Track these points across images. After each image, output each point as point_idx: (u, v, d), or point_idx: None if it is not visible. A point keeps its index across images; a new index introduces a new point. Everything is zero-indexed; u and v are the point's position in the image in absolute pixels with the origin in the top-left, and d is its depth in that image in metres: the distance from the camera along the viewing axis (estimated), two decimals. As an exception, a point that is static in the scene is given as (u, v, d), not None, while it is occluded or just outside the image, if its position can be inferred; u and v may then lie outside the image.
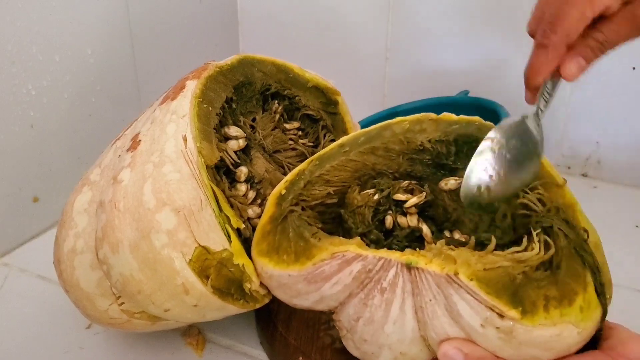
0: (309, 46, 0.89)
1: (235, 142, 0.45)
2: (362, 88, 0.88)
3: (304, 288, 0.37)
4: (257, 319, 0.50)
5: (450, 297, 0.33)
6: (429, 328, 0.34)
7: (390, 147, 0.43)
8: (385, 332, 0.35)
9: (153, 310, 0.38)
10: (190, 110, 0.41)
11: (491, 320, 0.32)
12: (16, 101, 0.59)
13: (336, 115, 0.53)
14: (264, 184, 0.46)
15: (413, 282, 0.34)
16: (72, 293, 0.42)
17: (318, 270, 0.36)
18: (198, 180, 0.38)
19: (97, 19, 0.66)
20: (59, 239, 0.42)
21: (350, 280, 0.35)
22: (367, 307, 0.35)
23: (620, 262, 0.54)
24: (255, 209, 0.44)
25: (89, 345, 0.48)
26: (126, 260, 0.37)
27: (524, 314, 0.32)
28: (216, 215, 0.38)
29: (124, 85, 0.72)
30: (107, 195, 0.39)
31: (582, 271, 0.34)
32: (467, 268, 0.33)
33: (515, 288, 0.33)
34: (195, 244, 0.37)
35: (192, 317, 0.39)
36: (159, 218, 0.36)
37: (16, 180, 0.61)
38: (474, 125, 0.41)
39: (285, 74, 0.51)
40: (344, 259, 0.35)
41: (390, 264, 0.35)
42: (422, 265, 0.34)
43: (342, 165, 0.43)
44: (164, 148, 0.39)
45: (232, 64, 0.47)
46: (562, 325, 0.32)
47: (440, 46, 0.82)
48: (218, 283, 0.38)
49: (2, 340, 0.49)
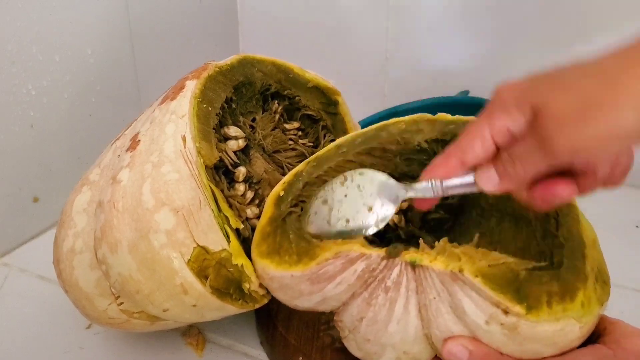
0: (309, 46, 0.89)
1: (235, 142, 0.45)
2: (362, 88, 0.88)
3: (307, 289, 0.37)
4: (257, 319, 0.50)
5: (455, 294, 0.33)
6: (433, 326, 0.34)
7: (387, 148, 0.43)
8: (388, 332, 0.35)
9: (152, 310, 0.38)
10: (190, 111, 0.41)
11: (496, 317, 0.32)
12: (16, 101, 0.59)
13: (336, 116, 0.53)
14: (262, 184, 0.46)
15: (417, 280, 0.34)
16: (71, 293, 0.42)
17: (322, 270, 0.36)
18: (197, 180, 0.38)
19: (97, 19, 0.66)
20: (58, 238, 0.42)
21: (354, 280, 0.35)
22: (371, 307, 0.35)
23: (620, 262, 0.54)
24: (254, 209, 0.44)
25: (89, 345, 0.48)
26: (125, 260, 0.37)
27: (529, 310, 0.32)
28: (215, 216, 0.38)
29: (124, 85, 0.72)
30: (106, 195, 0.39)
31: (582, 267, 0.34)
32: (472, 265, 0.33)
33: (519, 284, 0.33)
34: (194, 244, 0.37)
35: (190, 317, 0.39)
36: (157, 218, 0.36)
37: (16, 180, 0.61)
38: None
39: (286, 74, 0.51)
40: (347, 258, 0.35)
41: (394, 263, 0.35)
42: (426, 263, 0.34)
43: (339, 166, 0.43)
44: (163, 148, 0.39)
45: (232, 64, 0.47)
46: (565, 320, 0.32)
47: (440, 46, 0.82)
48: (217, 283, 0.38)
49: (2, 340, 0.49)
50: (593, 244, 0.36)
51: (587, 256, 0.35)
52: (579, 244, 0.36)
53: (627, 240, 0.62)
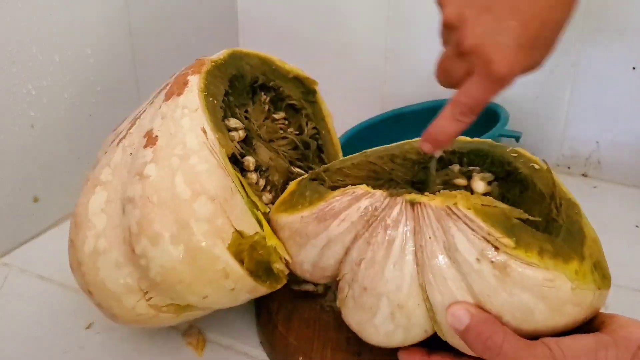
0: (309, 46, 0.89)
1: (236, 133, 0.46)
2: (362, 88, 0.88)
3: (314, 229, 0.39)
4: (257, 319, 0.50)
5: (448, 230, 0.34)
6: (427, 270, 0.35)
7: (407, 157, 0.46)
8: (385, 277, 0.36)
9: (191, 299, 0.40)
10: (201, 104, 0.43)
11: (486, 254, 0.33)
12: (16, 101, 0.59)
13: (315, 104, 0.57)
14: (270, 171, 0.48)
15: (415, 219, 0.36)
16: (96, 294, 0.42)
17: (328, 207, 0.38)
18: (225, 169, 0.40)
19: (97, 19, 0.67)
20: (76, 242, 0.42)
21: (357, 218, 0.37)
22: (370, 246, 0.37)
23: (620, 262, 0.54)
24: (267, 195, 0.46)
25: (89, 345, 0.48)
26: (167, 251, 0.38)
27: (518, 244, 0.33)
28: (245, 202, 0.40)
29: (124, 85, 0.72)
30: (135, 191, 0.39)
31: (579, 248, 0.35)
32: (466, 201, 0.35)
33: (511, 226, 0.34)
34: (232, 229, 0.39)
35: (226, 301, 0.41)
36: (196, 207, 0.38)
37: (16, 180, 0.61)
38: (485, 144, 0.46)
39: (269, 65, 0.53)
40: (353, 195, 0.38)
41: (395, 202, 0.37)
42: (424, 200, 0.36)
43: (361, 165, 0.46)
44: (186, 141, 0.40)
45: (224, 58, 0.49)
46: (556, 272, 0.33)
47: (440, 46, 0.82)
48: (250, 266, 0.40)
49: (2, 340, 0.49)
50: (594, 241, 0.37)
51: (586, 245, 0.35)
52: (578, 230, 0.36)
53: (627, 240, 0.62)
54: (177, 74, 0.47)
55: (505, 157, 0.44)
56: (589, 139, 0.76)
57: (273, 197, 0.47)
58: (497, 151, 0.45)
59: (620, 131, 0.74)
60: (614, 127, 0.74)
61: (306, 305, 0.48)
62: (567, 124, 0.77)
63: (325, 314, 0.47)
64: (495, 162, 0.44)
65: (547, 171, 0.41)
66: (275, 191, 0.48)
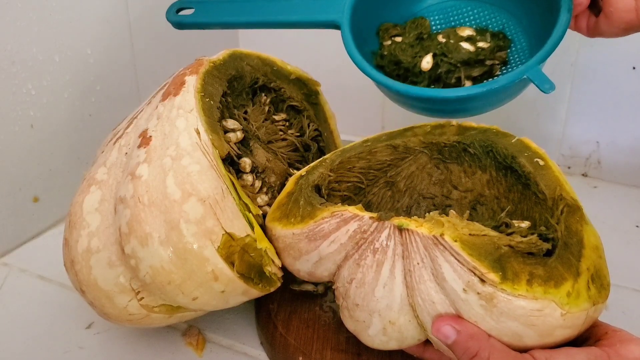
0: (309, 46, 0.89)
1: (234, 134, 0.46)
2: (362, 88, 0.88)
3: (305, 247, 0.39)
4: (257, 319, 0.50)
5: (435, 259, 0.34)
6: (416, 294, 0.35)
7: (409, 146, 0.47)
8: (375, 297, 0.36)
9: (181, 300, 0.39)
10: (196, 105, 0.42)
11: (473, 285, 0.33)
12: (16, 101, 0.59)
13: (317, 106, 0.56)
14: (267, 173, 0.48)
15: (404, 244, 0.36)
16: (89, 293, 0.42)
17: (318, 228, 0.38)
18: (216, 170, 0.40)
19: (97, 19, 0.67)
20: (70, 240, 0.42)
21: (346, 239, 0.37)
22: (360, 268, 0.37)
23: (620, 262, 0.54)
24: (263, 197, 0.46)
25: (89, 345, 0.48)
26: (156, 252, 0.38)
27: (503, 280, 0.32)
28: (237, 204, 0.40)
29: (124, 85, 0.72)
30: (127, 191, 0.39)
31: (576, 263, 0.34)
32: (453, 231, 0.34)
33: (499, 256, 0.34)
34: (222, 231, 0.38)
35: (217, 304, 0.40)
36: (186, 208, 0.38)
37: (16, 180, 0.61)
38: (491, 132, 0.45)
39: (270, 66, 0.53)
40: (342, 217, 0.38)
41: (383, 226, 0.36)
42: (412, 227, 0.35)
43: (361, 156, 0.46)
44: (179, 142, 0.40)
45: (223, 59, 0.49)
46: (545, 301, 0.32)
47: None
48: (241, 268, 0.39)
49: (2, 340, 0.49)
50: (594, 248, 0.36)
51: (584, 256, 0.35)
52: (577, 242, 0.36)
53: (627, 240, 0.62)
54: (175, 74, 0.47)
55: (510, 150, 0.43)
56: (589, 139, 0.76)
57: (270, 199, 0.47)
58: (501, 142, 0.44)
59: (620, 131, 0.74)
60: (614, 127, 0.74)
61: (306, 306, 0.48)
62: (567, 124, 0.77)
63: (325, 314, 0.47)
64: (499, 155, 0.44)
65: (552, 170, 0.41)
66: (272, 193, 0.48)
